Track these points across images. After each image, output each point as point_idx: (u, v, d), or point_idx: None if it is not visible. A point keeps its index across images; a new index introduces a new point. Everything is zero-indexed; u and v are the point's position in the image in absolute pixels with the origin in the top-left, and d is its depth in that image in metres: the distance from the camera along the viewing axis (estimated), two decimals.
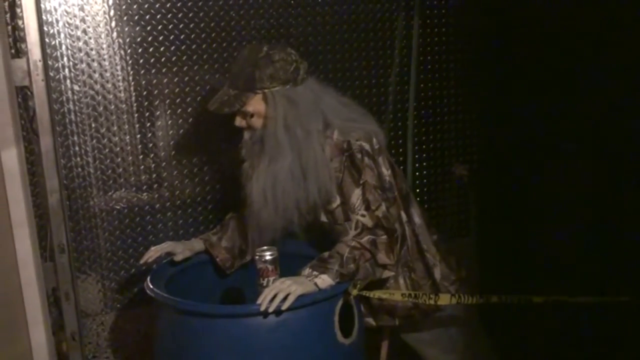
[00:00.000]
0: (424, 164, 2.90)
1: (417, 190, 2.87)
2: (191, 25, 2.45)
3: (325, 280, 1.87)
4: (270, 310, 1.77)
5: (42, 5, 2.23)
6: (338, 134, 2.05)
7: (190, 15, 2.44)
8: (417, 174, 2.89)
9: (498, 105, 2.82)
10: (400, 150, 2.85)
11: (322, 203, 2.05)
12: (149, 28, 2.40)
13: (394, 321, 2.16)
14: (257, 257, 1.92)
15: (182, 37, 2.45)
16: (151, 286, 1.98)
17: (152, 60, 2.43)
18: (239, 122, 2.09)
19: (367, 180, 2.02)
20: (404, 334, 2.29)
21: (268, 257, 1.90)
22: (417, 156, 2.87)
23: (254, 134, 2.07)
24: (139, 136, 2.47)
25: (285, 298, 1.79)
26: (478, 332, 2.37)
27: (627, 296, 2.03)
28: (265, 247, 1.93)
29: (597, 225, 2.32)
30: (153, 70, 2.43)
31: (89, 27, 2.34)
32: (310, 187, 2.01)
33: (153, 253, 2.17)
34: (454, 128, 2.91)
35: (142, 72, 2.42)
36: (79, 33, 2.33)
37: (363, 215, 2.00)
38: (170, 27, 2.42)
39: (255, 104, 2.03)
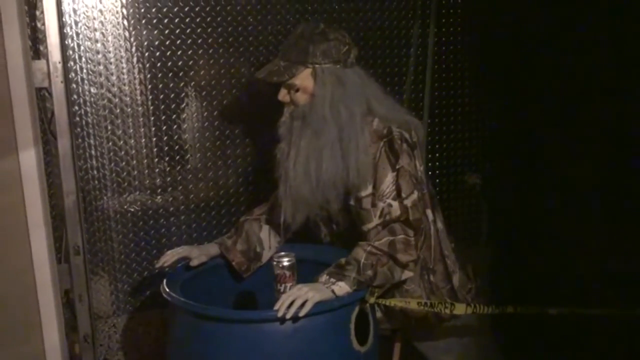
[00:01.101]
0: (437, 172, 2.90)
1: None
2: (209, 30, 2.46)
3: (342, 288, 1.87)
4: (288, 316, 1.77)
5: (63, 8, 2.24)
6: (378, 122, 2.06)
7: (208, 19, 2.45)
8: (430, 183, 2.88)
9: (513, 114, 2.82)
10: None
11: (356, 186, 2.05)
12: (166, 32, 2.41)
13: (409, 323, 2.15)
14: (274, 263, 1.92)
15: (199, 41, 2.46)
16: (167, 290, 1.97)
17: (169, 63, 2.44)
18: (283, 95, 2.09)
19: (404, 165, 2.02)
20: (417, 342, 2.29)
21: (286, 263, 1.90)
22: (430, 165, 2.88)
23: (295, 110, 2.08)
24: (154, 139, 2.47)
25: (302, 305, 1.79)
26: (490, 342, 2.36)
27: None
28: (282, 253, 1.93)
29: (613, 232, 2.31)
30: (170, 74, 2.45)
31: (107, 29, 2.35)
32: (350, 167, 2.01)
33: (169, 257, 2.16)
34: (467, 137, 2.92)
35: (159, 75, 2.43)
36: (97, 35, 2.34)
37: (390, 205, 2.00)
38: (187, 31, 2.43)
39: (304, 78, 2.04)
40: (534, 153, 2.71)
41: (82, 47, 2.33)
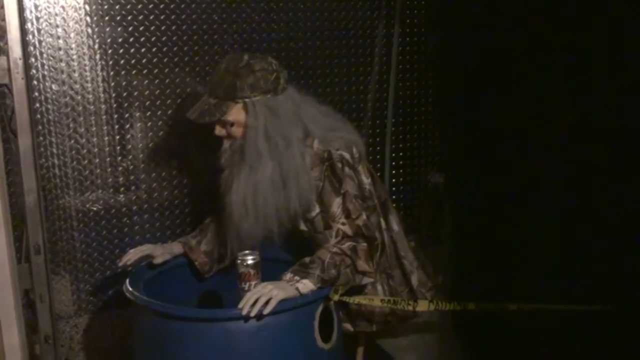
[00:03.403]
0: (401, 171, 2.93)
1: (394, 197, 2.90)
2: (173, 28, 2.45)
3: (306, 285, 1.88)
4: (252, 314, 1.78)
5: (24, 3, 2.20)
6: (318, 144, 2.06)
7: (173, 17, 2.44)
8: (393, 180, 2.92)
9: (476, 113, 2.86)
10: (378, 157, 2.88)
11: (302, 212, 2.06)
12: (130, 29, 2.39)
13: (371, 327, 2.18)
14: (238, 261, 1.92)
15: (163, 39, 2.44)
16: (130, 289, 1.96)
17: (132, 61, 2.41)
18: (218, 131, 2.08)
19: (348, 190, 2.04)
20: (380, 340, 2.31)
21: (250, 262, 1.90)
22: (393, 163, 2.90)
23: (234, 143, 2.07)
24: (117, 137, 2.45)
25: (266, 302, 1.79)
26: (452, 338, 2.40)
27: (599, 304, 2.07)
28: (247, 252, 1.94)
29: (573, 231, 2.36)
30: (134, 72, 2.42)
31: (69, 26, 2.32)
32: (291, 196, 2.02)
33: (132, 255, 2.15)
34: (431, 136, 2.95)
35: (123, 72, 2.41)
36: (59, 32, 2.31)
37: (344, 224, 2.02)
38: (151, 28, 2.41)
39: (236, 113, 2.02)
40: (496, 152, 2.76)
41: (43, 44, 2.29)
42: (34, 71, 2.28)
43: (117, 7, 2.36)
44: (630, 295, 2.08)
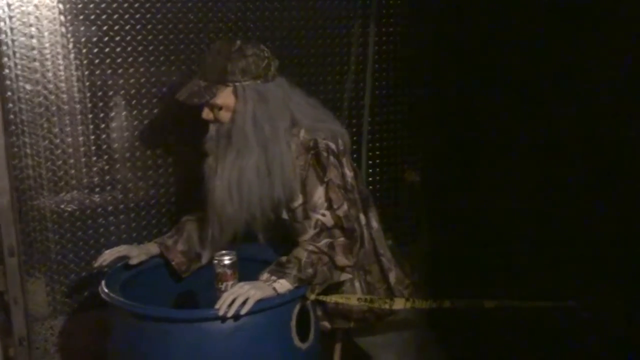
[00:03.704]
0: (377, 169, 2.94)
1: None
2: (148, 27, 2.43)
3: (283, 285, 1.88)
4: (229, 314, 1.78)
5: None
6: (305, 133, 2.07)
7: (148, 16, 2.42)
8: (370, 179, 2.93)
9: (452, 112, 2.88)
10: (355, 156, 2.88)
11: (286, 200, 2.06)
12: (105, 28, 2.37)
13: (348, 324, 2.19)
14: (215, 262, 1.91)
15: (138, 38, 2.42)
16: (106, 290, 1.95)
17: (107, 60, 2.40)
18: (206, 114, 2.08)
19: (332, 178, 2.04)
20: (357, 338, 2.32)
21: (227, 262, 1.90)
22: (370, 162, 2.91)
23: (220, 128, 2.07)
24: (92, 137, 2.43)
25: (244, 303, 1.79)
26: (430, 336, 2.42)
27: (573, 300, 2.10)
28: (224, 252, 1.93)
29: (548, 228, 2.39)
30: (108, 71, 2.41)
31: (42, 25, 2.30)
32: (275, 184, 2.02)
33: (107, 256, 2.14)
34: (407, 135, 2.96)
35: (97, 72, 2.39)
36: (32, 31, 2.29)
37: (323, 215, 2.02)
38: (126, 27, 2.40)
39: (225, 97, 2.03)
40: (471, 151, 2.78)
41: (16, 43, 2.27)
42: (7, 71, 2.25)
43: (91, 5, 2.34)
44: (604, 292, 2.12)
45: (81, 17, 2.33)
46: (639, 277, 2.04)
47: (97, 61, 2.38)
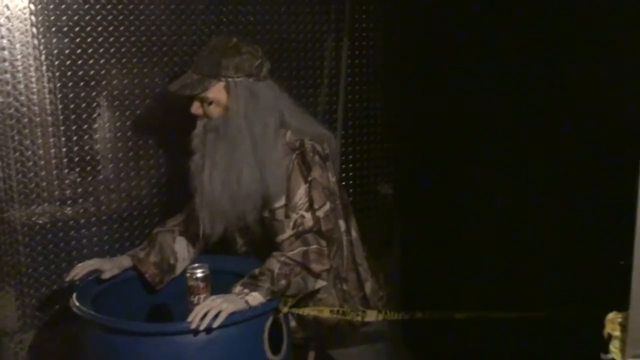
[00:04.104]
0: (351, 182, 2.96)
1: None
2: (121, 39, 2.43)
3: (256, 298, 1.89)
4: (202, 328, 1.78)
5: None
6: (291, 134, 2.10)
7: (121, 29, 2.42)
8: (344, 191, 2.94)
9: (425, 125, 2.91)
10: None
11: (272, 198, 2.07)
12: (77, 40, 2.36)
13: (322, 331, 2.19)
14: (188, 275, 1.92)
15: (111, 50, 2.42)
16: (77, 304, 1.94)
17: (80, 72, 2.39)
18: (196, 108, 2.09)
19: (316, 177, 2.07)
20: (330, 349, 2.33)
21: (199, 275, 1.90)
22: (344, 175, 2.93)
23: (208, 123, 2.08)
24: (64, 149, 2.42)
25: (216, 316, 1.80)
26: (401, 347, 2.43)
27: (543, 311, 2.13)
28: (196, 265, 1.94)
29: (523, 240, 2.42)
30: (81, 83, 2.40)
31: (14, 37, 2.28)
32: (268, 180, 2.04)
33: (79, 270, 2.12)
34: (380, 147, 2.99)
35: (70, 84, 2.38)
36: (4, 42, 2.27)
37: (303, 216, 2.04)
38: (99, 40, 2.39)
39: (217, 91, 2.04)
40: (446, 163, 2.81)
41: None
42: None
43: (64, 18, 2.33)
44: (576, 303, 2.15)
45: (53, 29, 2.33)
46: (613, 287, 2.08)
47: (69, 73, 2.37)
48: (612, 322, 1.42)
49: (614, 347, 1.42)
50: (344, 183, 2.93)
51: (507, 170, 2.50)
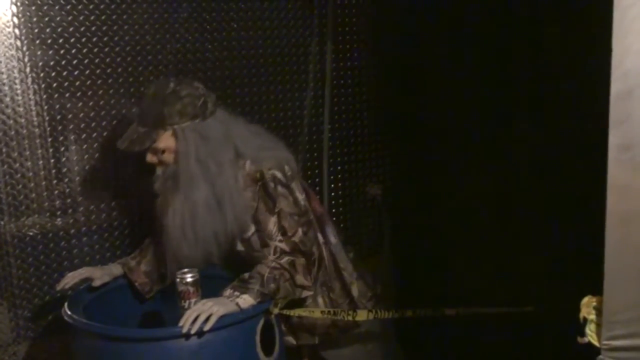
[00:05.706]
0: (340, 184, 2.98)
1: (333, 211, 2.95)
2: (106, 50, 2.44)
3: (246, 300, 1.90)
4: (193, 331, 1.78)
5: None
6: (250, 164, 2.07)
7: (105, 39, 2.43)
8: (332, 194, 2.96)
9: (411, 127, 2.94)
10: (316, 171, 2.92)
11: (239, 232, 2.08)
12: (62, 52, 2.38)
13: (313, 339, 2.21)
14: (178, 280, 1.92)
15: (96, 61, 2.43)
16: (69, 312, 1.94)
17: (65, 84, 2.40)
18: (150, 158, 2.07)
19: (282, 208, 2.06)
20: (323, 351, 2.34)
21: (189, 279, 1.91)
22: (332, 177, 2.95)
23: (166, 170, 2.06)
24: (52, 160, 2.43)
25: (207, 319, 1.80)
26: (394, 346, 2.45)
27: (531, 306, 2.15)
28: (186, 269, 1.94)
29: (509, 238, 2.45)
30: (67, 95, 2.41)
31: None
32: (227, 218, 2.03)
33: (70, 279, 2.13)
34: (367, 149, 3.01)
35: (56, 96, 2.39)
36: None
37: (280, 241, 2.04)
38: (84, 51, 2.41)
39: (166, 140, 2.02)
40: (433, 164, 2.84)
41: None
42: None
43: (48, 30, 2.35)
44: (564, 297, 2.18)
45: (38, 41, 2.34)
46: (598, 282, 2.10)
47: (54, 85, 2.38)
48: (587, 306, 1.45)
49: (590, 330, 1.44)
50: (332, 185, 2.96)
51: (497, 168, 2.53)
